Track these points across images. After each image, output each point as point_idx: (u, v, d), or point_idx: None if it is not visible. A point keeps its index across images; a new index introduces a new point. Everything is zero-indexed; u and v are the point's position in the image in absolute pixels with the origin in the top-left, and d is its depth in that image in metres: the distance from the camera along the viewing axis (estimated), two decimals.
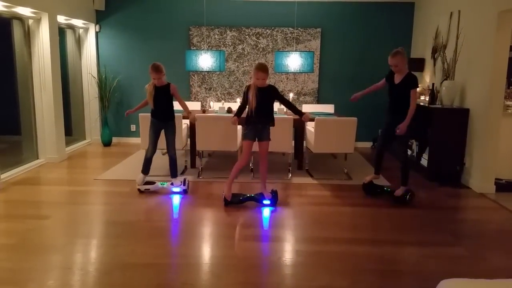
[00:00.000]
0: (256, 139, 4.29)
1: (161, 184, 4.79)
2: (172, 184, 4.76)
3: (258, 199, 4.37)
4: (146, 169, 4.71)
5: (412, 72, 4.41)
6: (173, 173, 4.78)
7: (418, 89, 6.06)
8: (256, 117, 4.15)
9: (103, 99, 7.32)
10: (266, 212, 4.21)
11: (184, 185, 4.71)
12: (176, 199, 4.56)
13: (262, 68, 4.01)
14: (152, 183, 4.78)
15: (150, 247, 3.38)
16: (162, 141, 4.70)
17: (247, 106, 4.22)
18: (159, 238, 3.56)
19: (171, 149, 4.69)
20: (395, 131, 4.32)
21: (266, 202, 4.34)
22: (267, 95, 4.16)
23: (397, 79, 4.37)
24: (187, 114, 4.83)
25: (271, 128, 4.33)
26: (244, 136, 4.26)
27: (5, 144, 6.43)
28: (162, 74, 4.46)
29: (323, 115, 5.83)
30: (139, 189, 4.73)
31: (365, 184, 4.81)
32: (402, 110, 4.32)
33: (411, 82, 4.29)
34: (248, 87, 4.14)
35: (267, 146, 4.32)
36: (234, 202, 4.33)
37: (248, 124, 4.22)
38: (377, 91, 4.85)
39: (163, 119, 4.61)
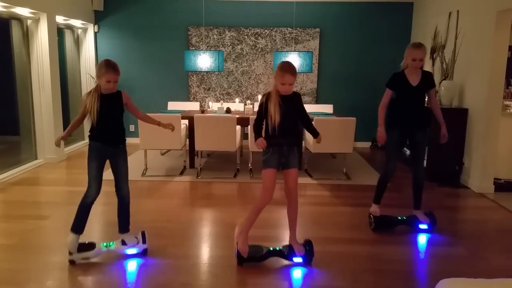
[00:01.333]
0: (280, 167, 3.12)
1: (105, 246, 3.17)
2: (123, 243, 3.18)
3: (286, 255, 3.12)
4: (80, 225, 3.09)
5: None
6: (124, 225, 3.25)
7: None
8: (281, 136, 3.00)
9: None
10: (297, 273, 3.00)
11: (144, 242, 3.21)
12: (132, 266, 3.07)
13: (291, 70, 2.93)
14: (91, 247, 3.12)
15: (149, 247, 3.37)
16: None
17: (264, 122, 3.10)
18: (158, 238, 3.56)
19: (125, 188, 3.23)
20: (435, 143, 3.78)
21: (298, 259, 3.10)
22: (292, 105, 3.06)
23: (414, 79, 3.61)
24: (157, 124, 3.40)
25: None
26: (265, 163, 3.03)
27: (3, 144, 6.42)
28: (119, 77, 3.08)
29: (322, 115, 5.83)
30: (72, 261, 3.06)
31: (377, 218, 3.81)
32: (425, 117, 3.71)
33: (433, 79, 3.71)
34: (268, 96, 3.02)
35: (297, 176, 3.12)
36: (252, 260, 3.08)
37: (268, 146, 3.02)
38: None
39: (113, 142, 3.16)
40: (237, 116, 5.40)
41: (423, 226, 3.79)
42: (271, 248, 3.13)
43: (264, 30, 7.30)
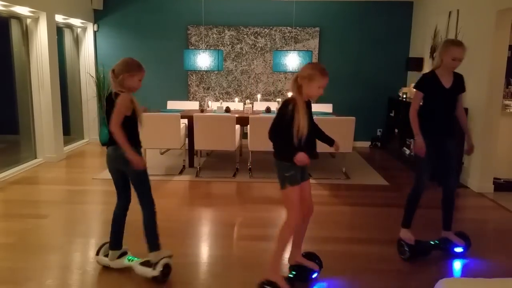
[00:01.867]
0: None
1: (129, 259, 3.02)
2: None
3: (304, 276, 2.92)
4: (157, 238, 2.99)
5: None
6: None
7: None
8: (307, 148, 2.68)
9: (101, 98, 7.31)
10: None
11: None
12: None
13: (327, 73, 2.69)
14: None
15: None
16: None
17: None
18: None
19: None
20: (461, 154, 3.47)
21: (314, 275, 2.95)
22: (310, 112, 2.81)
23: (447, 81, 3.19)
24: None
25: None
26: (292, 181, 2.64)
27: (3, 143, 6.42)
28: None
29: (321, 115, 5.82)
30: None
31: (412, 246, 3.24)
32: (455, 124, 3.29)
33: (464, 82, 3.29)
34: (294, 103, 2.59)
35: (310, 186, 2.91)
36: None
37: (292, 160, 2.60)
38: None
39: None
40: (236, 115, 5.40)
41: (458, 250, 3.30)
42: (290, 275, 2.88)
43: (264, 29, 7.30)
